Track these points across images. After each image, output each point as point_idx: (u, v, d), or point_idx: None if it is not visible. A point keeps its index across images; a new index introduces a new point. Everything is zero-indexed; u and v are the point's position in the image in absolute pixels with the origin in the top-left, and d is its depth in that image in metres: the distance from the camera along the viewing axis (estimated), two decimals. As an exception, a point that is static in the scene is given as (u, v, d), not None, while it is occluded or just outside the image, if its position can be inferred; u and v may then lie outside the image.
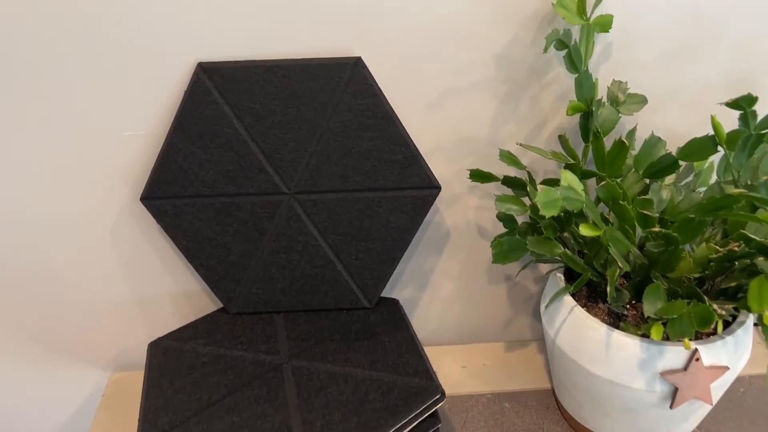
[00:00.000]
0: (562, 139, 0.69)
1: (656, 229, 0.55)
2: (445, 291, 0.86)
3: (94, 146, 0.71)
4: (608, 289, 0.58)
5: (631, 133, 0.72)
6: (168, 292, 0.82)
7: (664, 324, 0.59)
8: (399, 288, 0.85)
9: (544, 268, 0.85)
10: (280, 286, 0.76)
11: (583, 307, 0.68)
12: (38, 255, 0.77)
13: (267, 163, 0.70)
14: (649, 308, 0.57)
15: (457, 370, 0.84)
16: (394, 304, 0.79)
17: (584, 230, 0.57)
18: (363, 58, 0.67)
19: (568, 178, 0.57)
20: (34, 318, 0.82)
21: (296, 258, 0.75)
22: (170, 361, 0.71)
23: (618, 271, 0.58)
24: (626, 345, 0.63)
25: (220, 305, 0.83)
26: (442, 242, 0.82)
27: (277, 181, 0.71)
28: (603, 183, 0.60)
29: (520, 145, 0.67)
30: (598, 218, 0.59)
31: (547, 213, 0.53)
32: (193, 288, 0.82)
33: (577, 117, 0.75)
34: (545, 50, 0.62)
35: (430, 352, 0.86)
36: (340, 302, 0.77)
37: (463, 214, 0.80)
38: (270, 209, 0.72)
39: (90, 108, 0.69)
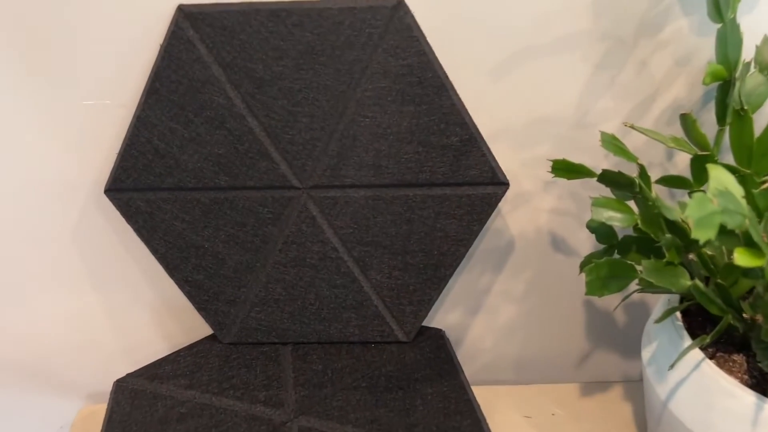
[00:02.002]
0: (688, 120, 0.49)
1: None
2: (504, 317, 0.67)
3: (45, 120, 0.55)
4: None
5: (780, 114, 0.52)
6: (149, 308, 0.66)
7: None
8: (443, 312, 0.66)
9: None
10: (287, 311, 0.58)
11: (711, 358, 0.48)
12: (-17, 259, 0.61)
13: (272, 147, 0.53)
14: None
15: (518, 420, 0.66)
16: (438, 337, 0.60)
17: (742, 258, 0.37)
18: (406, 1, 0.49)
19: (723, 178, 0.37)
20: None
21: (309, 274, 0.56)
22: (137, 410, 0.53)
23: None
24: (787, 425, 0.43)
25: (214, 328, 0.65)
26: (503, 255, 0.63)
27: (285, 170, 0.53)
28: (766, 186, 0.40)
29: (630, 126, 0.47)
30: (762, 240, 0.39)
31: (703, 235, 0.33)
32: (180, 303, 0.65)
33: (699, 91, 0.55)
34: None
35: (482, 393, 0.67)
36: (366, 334, 0.59)
37: (533, 219, 0.61)
38: (276, 209, 0.54)
39: (37, 69, 0.53)
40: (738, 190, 0.37)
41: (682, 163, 0.58)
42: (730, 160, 0.50)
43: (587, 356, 0.70)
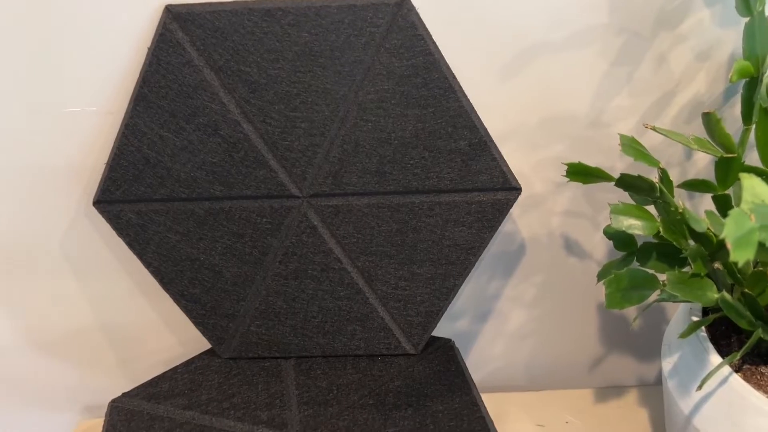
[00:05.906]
0: (711, 119, 0.46)
1: None
2: (515, 322, 0.64)
3: (27, 129, 0.52)
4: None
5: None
6: (145, 321, 0.63)
7: None
8: (451, 318, 0.63)
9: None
10: (289, 324, 0.55)
11: (737, 371, 0.45)
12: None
13: (269, 154, 0.49)
14: None
15: (531, 429, 0.63)
16: (448, 348, 0.57)
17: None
18: (410, -3, 0.45)
19: (758, 190, 0.34)
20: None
21: (312, 286, 0.53)
22: (134, 433, 0.50)
23: None
24: (822, 445, 0.40)
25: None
26: (513, 259, 0.60)
27: (283, 178, 0.50)
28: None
29: (651, 128, 0.44)
30: (799, 253, 0.36)
31: (742, 257, 0.30)
32: (177, 316, 0.62)
33: (720, 87, 0.52)
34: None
35: (492, 400, 0.65)
36: (372, 347, 0.56)
37: (544, 222, 0.58)
38: (274, 218, 0.51)
39: (19, 75, 0.49)
40: (775, 202, 0.34)
41: (701, 161, 0.55)
42: (754, 160, 0.47)
43: (601, 360, 0.68)
